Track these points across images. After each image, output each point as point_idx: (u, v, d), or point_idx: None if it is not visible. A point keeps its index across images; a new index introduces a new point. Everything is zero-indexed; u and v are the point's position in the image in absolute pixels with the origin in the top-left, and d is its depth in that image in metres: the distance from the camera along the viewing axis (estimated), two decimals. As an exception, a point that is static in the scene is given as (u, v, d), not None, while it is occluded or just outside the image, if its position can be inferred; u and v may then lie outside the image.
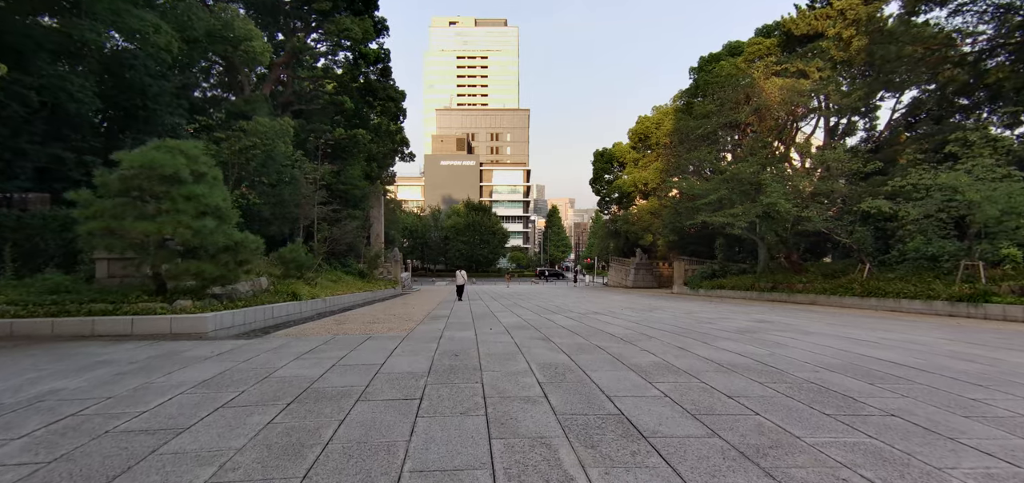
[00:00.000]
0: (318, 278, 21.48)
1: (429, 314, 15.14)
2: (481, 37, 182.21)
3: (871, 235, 21.07)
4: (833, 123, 32.26)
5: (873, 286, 19.72)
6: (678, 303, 22.45)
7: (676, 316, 14.19)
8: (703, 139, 31.26)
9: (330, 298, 18.26)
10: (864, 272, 21.12)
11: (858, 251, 22.13)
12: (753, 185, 25.51)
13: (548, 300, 24.19)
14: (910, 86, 24.34)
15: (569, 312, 15.92)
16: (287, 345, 8.24)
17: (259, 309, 11.52)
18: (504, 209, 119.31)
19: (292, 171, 22.35)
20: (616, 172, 54.91)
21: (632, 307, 18.82)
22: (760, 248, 31.81)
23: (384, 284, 32.40)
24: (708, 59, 40.75)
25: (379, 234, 41.76)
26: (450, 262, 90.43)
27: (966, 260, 17.01)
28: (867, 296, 19.59)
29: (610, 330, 10.35)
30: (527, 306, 19.34)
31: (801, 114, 32.47)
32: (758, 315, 15.09)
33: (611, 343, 8.40)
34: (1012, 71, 22.22)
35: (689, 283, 36.09)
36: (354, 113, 35.03)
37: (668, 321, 12.57)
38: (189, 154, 10.29)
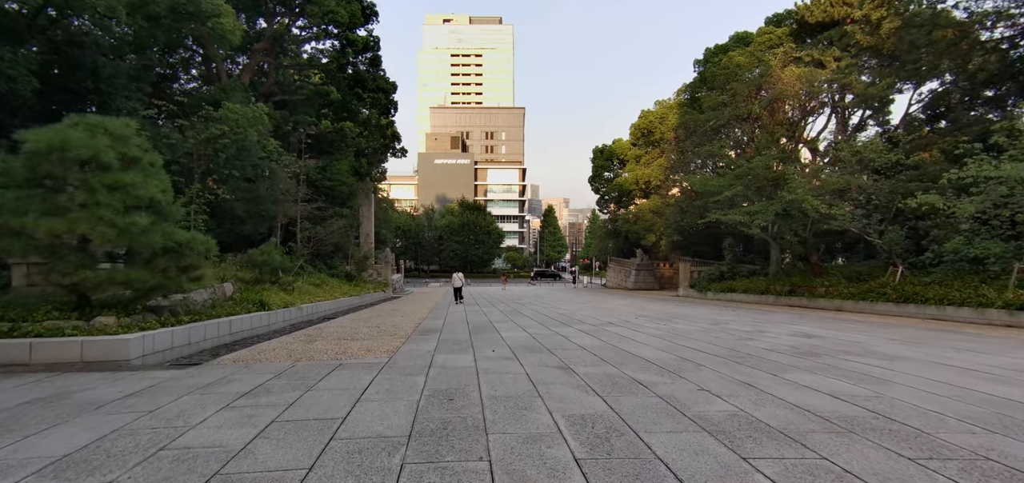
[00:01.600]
0: (297, 282, 19.44)
1: (419, 325, 13.16)
2: (475, 35, 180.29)
3: (904, 235, 19.27)
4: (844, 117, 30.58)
5: (909, 291, 17.92)
6: (693, 309, 20.57)
7: (705, 329, 12.27)
8: (713, 133, 29.42)
9: (308, 306, 16.23)
10: (896, 275, 19.33)
11: (888, 252, 20.34)
12: (770, 181, 23.69)
13: (551, 305, 22.25)
14: (940, 74, 22.56)
15: (580, 323, 13.98)
16: (227, 379, 6.25)
17: (210, 325, 9.49)
18: (499, 209, 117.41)
19: (269, 164, 20.30)
20: (616, 170, 53.06)
21: (646, 315, 16.91)
22: (772, 249, 30.04)
23: (373, 287, 30.38)
24: (714, 51, 38.95)
25: (369, 234, 39.70)
26: (444, 263, 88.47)
27: (1020, 263, 15.22)
28: (903, 302, 17.77)
29: (640, 352, 8.41)
30: (530, 314, 17.39)
31: (812, 108, 30.75)
32: (797, 326, 13.21)
33: (652, 375, 6.45)
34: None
35: (695, 285, 34.28)
36: (342, 105, 32.96)
37: (700, 337, 10.65)
38: (116, 134, 8.27)
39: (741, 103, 27.21)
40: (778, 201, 22.40)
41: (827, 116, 32.21)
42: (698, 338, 10.28)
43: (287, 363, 7.39)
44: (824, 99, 29.93)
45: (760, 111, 26.64)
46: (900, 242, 19.23)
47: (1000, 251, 16.62)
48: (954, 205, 16.11)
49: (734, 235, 33.71)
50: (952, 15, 22.07)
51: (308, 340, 10.06)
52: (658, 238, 44.80)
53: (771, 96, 25.37)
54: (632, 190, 48.63)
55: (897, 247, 19.43)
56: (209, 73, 28.88)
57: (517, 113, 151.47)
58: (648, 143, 45.62)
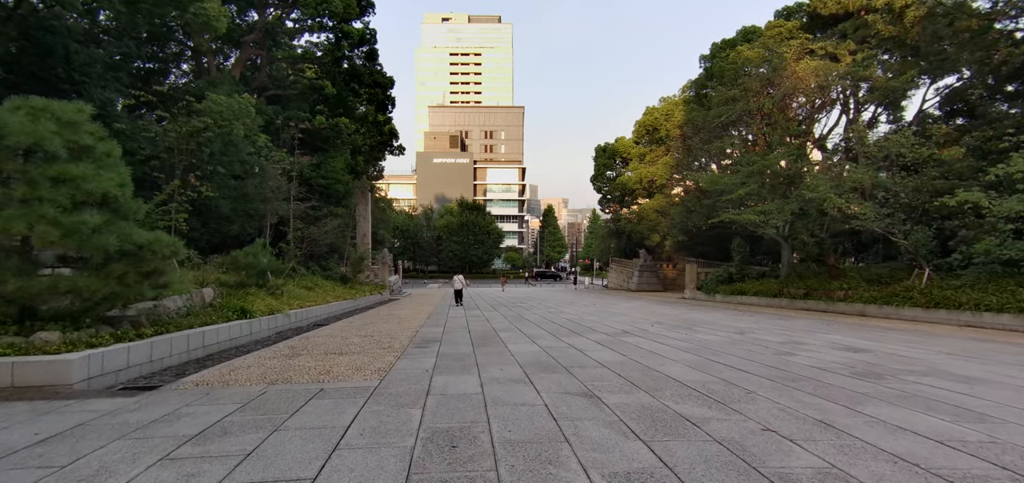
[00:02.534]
0: (288, 286, 18.30)
1: (416, 335, 12.02)
2: (474, 34, 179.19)
3: (931, 236, 18.16)
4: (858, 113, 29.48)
5: (939, 295, 16.81)
6: (707, 314, 19.46)
7: (733, 340, 11.16)
8: (723, 129, 28.29)
9: (298, 312, 15.09)
10: (923, 278, 18.23)
11: (912, 254, 19.24)
12: (785, 179, 22.58)
13: (555, 309, 21.12)
14: (963, 67, 21.43)
15: (592, 331, 12.85)
16: (178, 413, 5.11)
17: (177, 338, 8.36)
18: (498, 208, 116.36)
19: (259, 161, 19.15)
20: (619, 169, 51.89)
21: (661, 321, 15.79)
22: (783, 250, 28.92)
23: (370, 289, 29.23)
24: (721, 46, 37.84)
25: (366, 234, 38.56)
26: (443, 263, 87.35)
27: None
28: (932, 306, 16.68)
29: (672, 372, 7.29)
30: (535, 320, 16.25)
31: (823, 105, 29.67)
32: (832, 336, 12.09)
33: (698, 407, 5.33)
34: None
35: (703, 287, 33.16)
36: (337, 101, 31.81)
37: (731, 350, 9.54)
38: (65, 119, 7.13)
39: (752, 98, 26.07)
40: (794, 200, 21.28)
41: (838, 113, 31.18)
42: (730, 352, 9.15)
43: (258, 388, 6.25)
44: (834, 95, 28.85)
45: (772, 106, 25.50)
46: (927, 243, 18.13)
47: (1039, 252, 15.55)
48: (996, 204, 14.99)
49: (743, 235, 32.62)
50: (975, 5, 21.00)
51: (290, 354, 8.92)
52: (662, 238, 43.68)
53: (784, 90, 24.22)
54: (635, 189, 47.47)
55: (923, 249, 18.32)
56: (200, 68, 27.72)
57: (516, 112, 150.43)
58: (653, 141, 44.44)
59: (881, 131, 30.01)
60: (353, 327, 14.01)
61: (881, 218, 18.20)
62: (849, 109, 30.41)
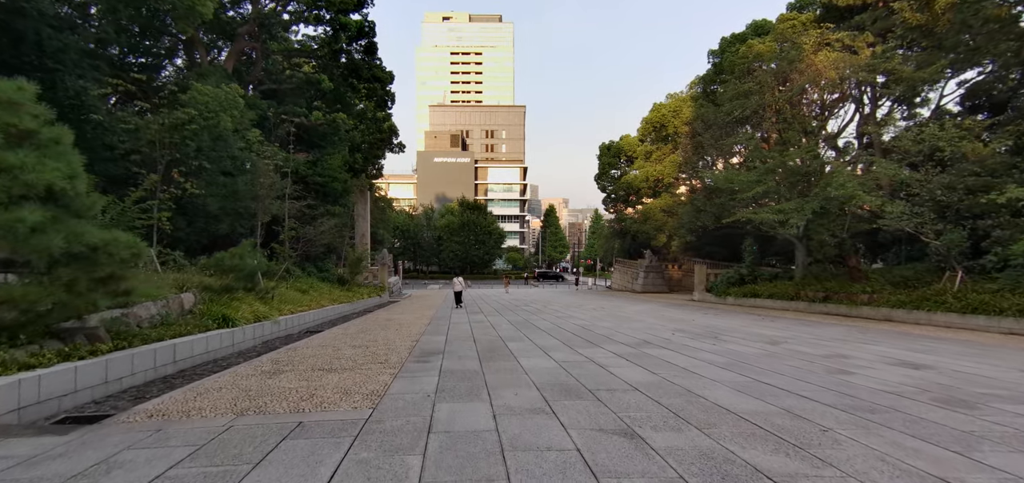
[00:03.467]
0: (280, 289, 17.23)
1: (416, 345, 10.91)
2: (475, 33, 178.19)
3: (965, 236, 17.03)
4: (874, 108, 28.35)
5: (976, 300, 15.70)
6: (725, 319, 18.36)
7: (769, 353, 10.08)
8: (737, 124, 27.15)
9: (288, 318, 14.00)
10: (955, 282, 17.11)
11: (943, 255, 18.12)
12: (803, 176, 21.47)
13: (564, 313, 20.01)
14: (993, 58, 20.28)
15: (610, 340, 11.74)
16: (118, 459, 4.01)
17: (140, 354, 7.27)
18: (500, 208, 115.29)
19: (250, 156, 18.06)
20: (623, 167, 50.77)
21: (681, 329, 14.69)
22: (798, 250, 27.78)
23: (368, 292, 28.12)
24: (731, 40, 36.70)
25: (364, 234, 37.47)
26: (444, 263, 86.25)
27: None
28: (969, 312, 15.56)
29: (719, 398, 6.19)
30: (545, 326, 15.15)
31: (836, 100, 28.54)
32: (879, 348, 10.99)
33: (771, 454, 4.22)
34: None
35: (713, 289, 32.03)
36: (334, 96, 30.76)
37: (776, 367, 8.46)
38: (1, 98, 6.03)
39: (767, 92, 24.94)
40: (815, 198, 20.17)
41: (853, 109, 30.03)
42: (774, 370, 8.05)
43: (224, 420, 5.14)
44: (852, 90, 27.73)
45: (786, 101, 24.35)
46: (961, 244, 17.02)
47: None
48: None
49: (754, 236, 31.51)
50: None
51: (272, 371, 7.82)
52: (669, 238, 42.56)
53: (802, 82, 23.07)
54: (641, 188, 46.33)
55: (956, 250, 17.21)
56: (193, 62, 26.64)
57: (517, 111, 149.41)
58: (660, 138, 43.28)
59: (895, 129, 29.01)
60: (348, 335, 12.91)
61: (911, 217, 17.08)
62: (863, 105, 29.30)
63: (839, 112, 30.26)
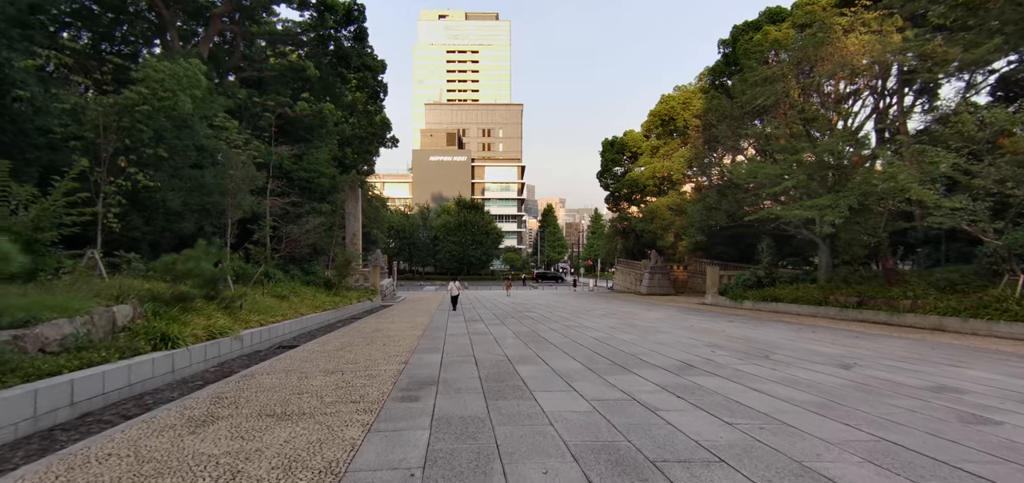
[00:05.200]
0: (254, 295, 15.14)
1: (404, 368, 8.80)
2: (471, 31, 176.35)
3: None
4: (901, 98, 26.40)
5: (1050, 307, 13.70)
6: (760, 330, 16.32)
7: (860, 386, 8.07)
8: (757, 114, 25.13)
9: (257, 331, 11.89)
10: (1017, 286, 15.11)
11: (1000, 257, 16.14)
12: (835, 168, 19.48)
13: (575, 321, 17.92)
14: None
15: (644, 363, 9.66)
16: None
17: (10, 398, 5.16)
18: (497, 208, 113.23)
19: (218, 145, 15.93)
20: (627, 164, 48.71)
21: (718, 343, 12.63)
22: (821, 251, 25.78)
23: (358, 295, 25.98)
24: (743, 27, 34.69)
25: (356, 234, 35.25)
26: (440, 264, 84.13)
27: None
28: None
29: (821, 461, 4.10)
30: (557, 340, 13.05)
31: (854, 90, 26.58)
32: (983, 372, 8.94)
33: None
34: None
35: (727, 292, 29.99)
36: (322, 85, 28.63)
37: (883, 412, 6.44)
38: None
39: (791, 78, 22.90)
40: (850, 193, 18.17)
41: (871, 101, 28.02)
42: (888, 416, 6.00)
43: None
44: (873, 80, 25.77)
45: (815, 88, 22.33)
46: (1022, 244, 15.04)
47: None
48: None
49: (773, 235, 29.51)
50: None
51: (201, 420, 5.70)
52: (676, 238, 40.51)
53: (832, 67, 21.03)
54: (647, 185, 44.26)
55: (1019, 250, 15.23)
56: (165, 46, 24.46)
57: (515, 110, 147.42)
58: (667, 132, 41.19)
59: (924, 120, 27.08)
60: (325, 352, 10.78)
61: (968, 214, 15.08)
62: (885, 95, 27.34)
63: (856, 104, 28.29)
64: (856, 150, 20.59)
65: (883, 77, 25.93)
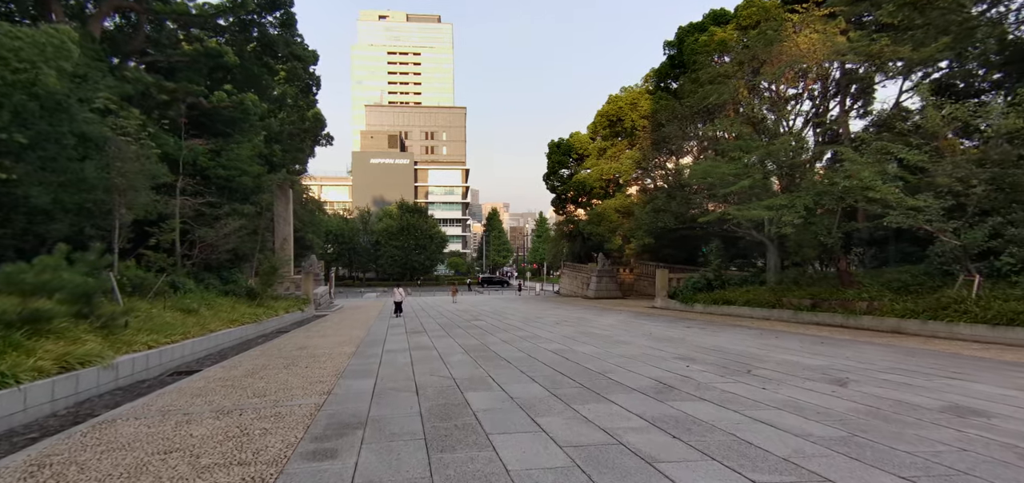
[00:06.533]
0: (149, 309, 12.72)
1: (324, 402, 6.96)
2: (413, 33, 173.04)
3: (986, 234, 14.87)
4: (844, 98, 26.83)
5: (1006, 308, 13.42)
6: (724, 337, 15.42)
7: (862, 407, 7.02)
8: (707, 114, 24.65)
9: (147, 355, 9.64)
10: (973, 287, 14.92)
11: (952, 258, 16.01)
12: (791, 167, 19.09)
13: (527, 331, 16.40)
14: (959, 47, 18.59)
15: (616, 385, 8.24)
16: None
17: None
18: (441, 211, 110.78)
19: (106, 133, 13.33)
20: (574, 166, 47.97)
21: (688, 355, 11.46)
22: (770, 252, 25.62)
23: (286, 306, 23.42)
24: (689, 29, 34.59)
25: (286, 238, 32.41)
26: (382, 270, 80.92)
27: None
28: (1003, 324, 13.24)
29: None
30: (513, 356, 11.47)
31: (792, 96, 26.79)
32: (987, 387, 8.10)
33: None
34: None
35: (678, 296, 29.44)
36: (245, 75, 25.88)
37: (919, 448, 5.33)
38: None
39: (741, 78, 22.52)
40: (806, 192, 17.75)
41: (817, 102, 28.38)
42: (926, 452, 4.82)
43: None
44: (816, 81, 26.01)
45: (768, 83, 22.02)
46: (981, 243, 14.86)
47: None
48: None
49: (721, 237, 29.27)
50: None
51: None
52: (624, 241, 40.01)
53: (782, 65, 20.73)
54: (594, 187, 43.61)
55: (974, 250, 15.08)
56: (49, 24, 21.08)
57: (458, 113, 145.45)
58: (614, 133, 40.67)
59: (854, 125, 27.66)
60: (228, 381, 8.71)
61: (927, 213, 14.77)
62: (827, 97, 27.74)
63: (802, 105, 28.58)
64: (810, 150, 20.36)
65: (824, 79, 26.21)
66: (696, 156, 30.63)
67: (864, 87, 26.68)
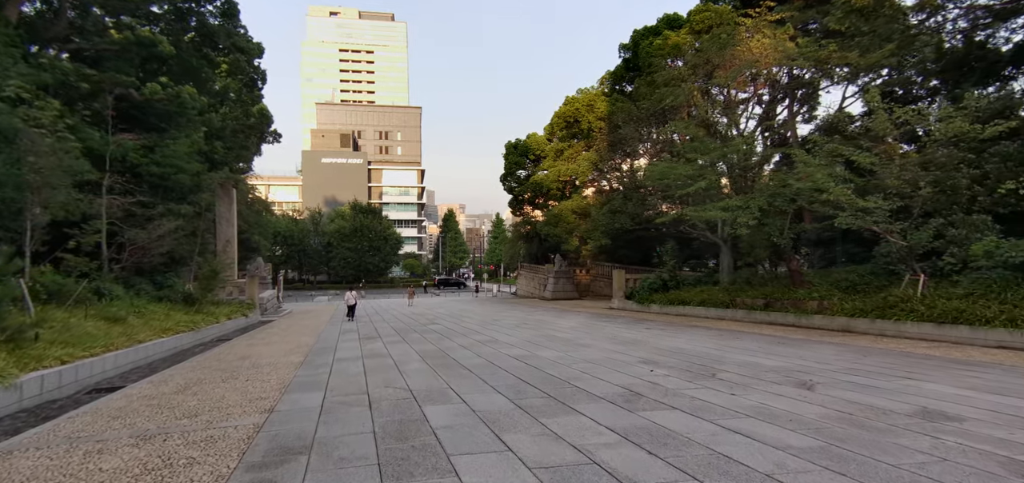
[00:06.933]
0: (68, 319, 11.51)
1: (265, 421, 6.25)
2: (366, 30, 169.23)
3: (931, 235, 15.42)
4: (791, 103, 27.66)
5: (949, 306, 13.92)
6: (683, 339, 15.40)
7: (832, 413, 6.91)
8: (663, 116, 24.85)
9: (52, 372, 8.57)
10: (918, 286, 15.46)
11: (897, 258, 16.58)
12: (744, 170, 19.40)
13: (486, 335, 15.89)
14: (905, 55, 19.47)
15: (584, 389, 7.86)
16: None
17: None
18: (396, 212, 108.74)
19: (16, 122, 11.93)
20: (531, 167, 47.80)
21: (651, 358, 11.25)
22: (723, 253, 26.14)
23: (229, 312, 22.01)
24: (643, 32, 34.99)
25: (230, 240, 30.63)
26: (334, 272, 78.55)
27: None
28: (947, 322, 13.71)
29: None
30: (473, 362, 10.94)
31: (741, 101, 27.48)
32: (946, 388, 8.17)
33: None
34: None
35: (634, 296, 29.62)
36: (182, 67, 24.31)
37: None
38: None
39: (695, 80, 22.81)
40: (761, 193, 18.06)
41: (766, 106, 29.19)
42: (934, 471, 4.66)
43: None
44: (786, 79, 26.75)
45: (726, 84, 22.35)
46: (926, 243, 15.41)
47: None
48: None
49: (676, 238, 29.68)
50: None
51: None
52: (581, 242, 40.09)
53: (737, 68, 21.09)
54: (551, 188, 43.54)
55: (919, 250, 15.64)
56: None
57: (413, 112, 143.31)
58: (572, 135, 40.69)
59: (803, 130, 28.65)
60: (155, 399, 7.80)
61: (876, 215, 15.19)
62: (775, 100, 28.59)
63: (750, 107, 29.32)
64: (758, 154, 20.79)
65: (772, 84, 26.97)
66: (651, 158, 30.94)
67: (810, 93, 27.66)
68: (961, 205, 15.71)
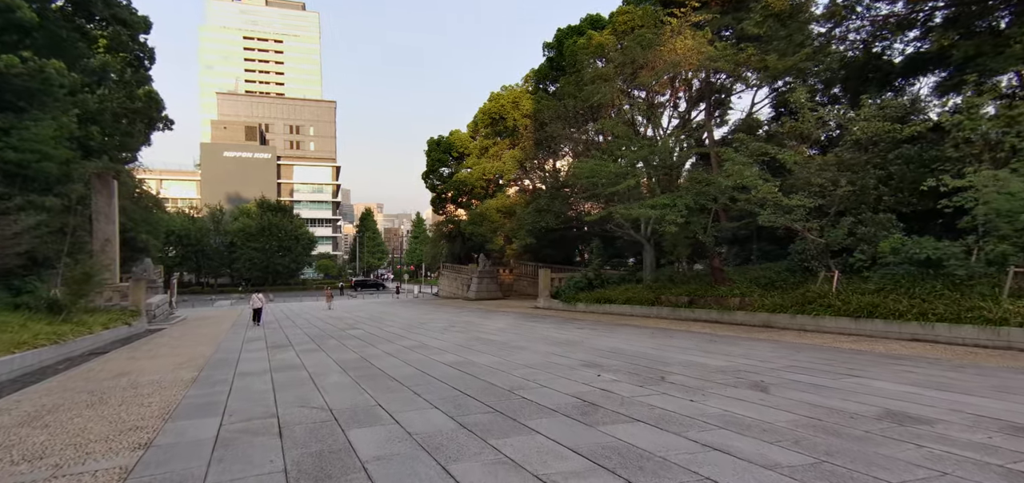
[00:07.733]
0: None
1: (135, 465, 4.81)
2: (274, 18, 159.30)
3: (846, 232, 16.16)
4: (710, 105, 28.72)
5: (865, 301, 14.60)
6: (618, 337, 15.04)
7: (799, 417, 6.55)
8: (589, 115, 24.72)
9: None
10: (833, 283, 16.17)
11: (811, 255, 17.30)
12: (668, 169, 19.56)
13: (413, 339, 14.63)
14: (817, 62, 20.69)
15: (532, 401, 6.99)
16: None
17: None
18: (309, 211, 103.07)
19: None
20: (454, 165, 46.56)
21: (593, 361, 10.63)
22: (646, 252, 26.52)
23: (106, 320, 19.03)
24: (567, 31, 35.00)
25: (110, 239, 26.86)
26: (238, 274, 72.82)
27: (1016, 265, 12.55)
28: (863, 316, 14.34)
29: None
30: (402, 373, 9.75)
31: (660, 104, 28.25)
32: (904, 386, 8.12)
33: None
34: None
35: (560, 296, 29.41)
36: (50, 39, 20.95)
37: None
38: None
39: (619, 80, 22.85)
40: (687, 191, 18.24)
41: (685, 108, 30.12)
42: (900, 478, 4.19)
43: None
44: (679, 89, 27.57)
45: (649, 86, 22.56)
46: (842, 240, 16.14)
47: (957, 251, 14.14)
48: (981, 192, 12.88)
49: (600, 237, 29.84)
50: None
51: None
52: (507, 241, 39.52)
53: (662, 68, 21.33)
54: (475, 186, 42.58)
55: (834, 247, 16.35)
56: None
57: (327, 107, 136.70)
58: (496, 132, 39.96)
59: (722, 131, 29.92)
60: (-18, 442, 5.98)
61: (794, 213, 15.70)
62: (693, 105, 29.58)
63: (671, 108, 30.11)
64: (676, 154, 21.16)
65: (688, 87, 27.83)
66: (576, 157, 30.93)
67: (723, 98, 28.85)
68: (869, 204, 16.64)
